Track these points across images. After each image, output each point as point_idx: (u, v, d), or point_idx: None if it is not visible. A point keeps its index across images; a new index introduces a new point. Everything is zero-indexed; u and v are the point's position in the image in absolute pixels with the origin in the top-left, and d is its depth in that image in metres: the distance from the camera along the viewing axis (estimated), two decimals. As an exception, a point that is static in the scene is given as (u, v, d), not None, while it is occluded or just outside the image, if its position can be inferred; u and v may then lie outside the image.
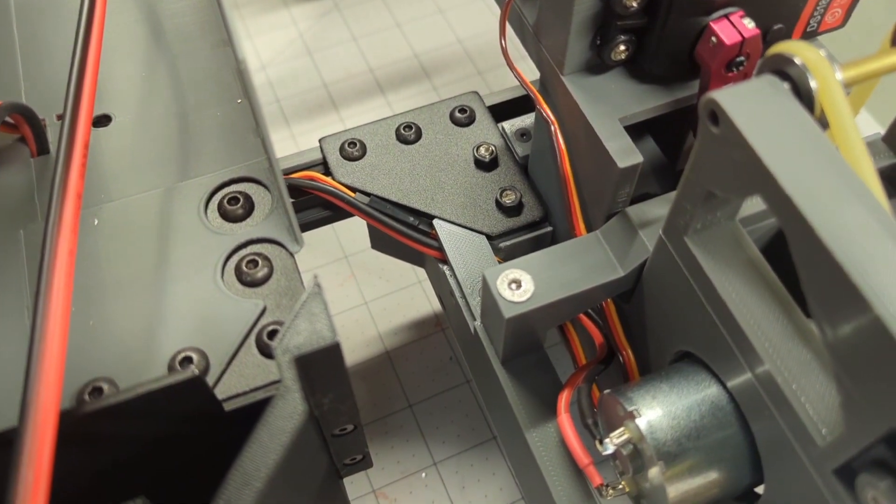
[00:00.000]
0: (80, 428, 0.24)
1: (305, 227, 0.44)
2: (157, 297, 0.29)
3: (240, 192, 0.32)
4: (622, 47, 0.32)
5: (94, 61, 0.29)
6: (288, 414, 0.24)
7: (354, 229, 0.52)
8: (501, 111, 0.45)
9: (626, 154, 0.31)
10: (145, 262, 0.30)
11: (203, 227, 0.31)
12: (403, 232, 0.40)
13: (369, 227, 0.43)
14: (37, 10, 0.38)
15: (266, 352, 0.28)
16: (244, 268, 0.30)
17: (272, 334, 0.28)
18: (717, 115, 0.23)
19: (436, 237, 0.40)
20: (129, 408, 0.24)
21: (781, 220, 0.22)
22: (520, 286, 0.32)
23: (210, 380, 0.28)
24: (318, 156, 0.43)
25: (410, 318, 0.53)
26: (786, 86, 0.24)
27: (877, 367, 0.20)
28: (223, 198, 0.32)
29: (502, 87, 0.47)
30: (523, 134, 0.42)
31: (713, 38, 0.29)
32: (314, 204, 0.42)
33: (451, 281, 0.39)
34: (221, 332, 0.29)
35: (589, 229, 0.35)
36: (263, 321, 0.29)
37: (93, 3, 0.30)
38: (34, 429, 0.21)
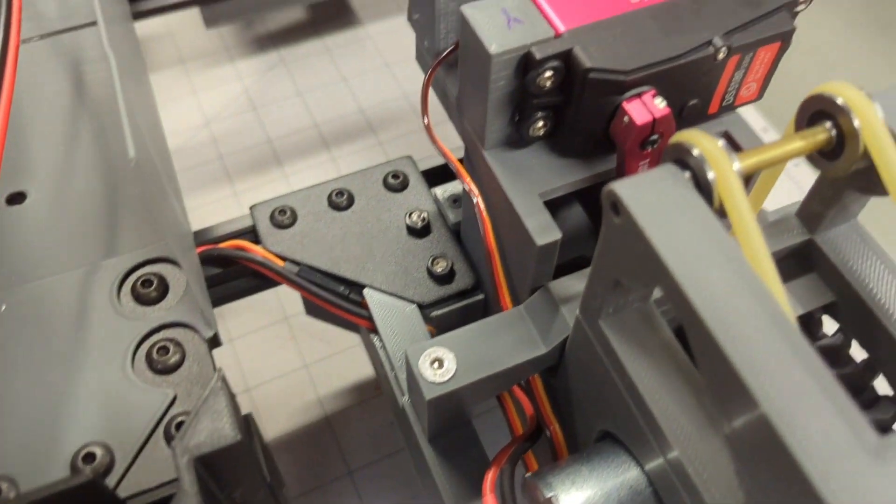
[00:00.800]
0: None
1: (239, 294, 0.43)
2: (64, 387, 0.29)
3: (154, 274, 0.31)
4: (540, 124, 0.32)
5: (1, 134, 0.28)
6: (184, 520, 0.23)
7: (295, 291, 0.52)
8: (436, 176, 0.45)
9: (544, 231, 0.31)
10: (54, 350, 0.29)
11: (114, 311, 0.30)
12: (333, 302, 0.39)
13: (301, 294, 0.42)
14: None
15: (171, 445, 0.27)
16: (155, 355, 0.29)
17: (180, 426, 0.27)
18: (617, 205, 0.23)
19: (366, 307, 0.39)
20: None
21: (679, 314, 0.22)
22: (442, 365, 0.31)
23: (114, 476, 0.27)
24: (249, 223, 0.42)
25: (351, 382, 0.52)
26: (686, 175, 0.24)
27: (767, 464, 0.20)
28: (137, 280, 0.31)
29: (447, 144, 0.47)
30: (455, 200, 0.42)
31: (625, 118, 0.29)
32: (246, 272, 0.42)
33: (381, 353, 0.38)
34: (129, 424, 0.28)
35: (515, 301, 0.35)
36: (173, 411, 0.28)
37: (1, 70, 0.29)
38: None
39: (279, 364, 0.53)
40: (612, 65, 0.29)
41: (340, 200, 0.42)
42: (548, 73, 0.29)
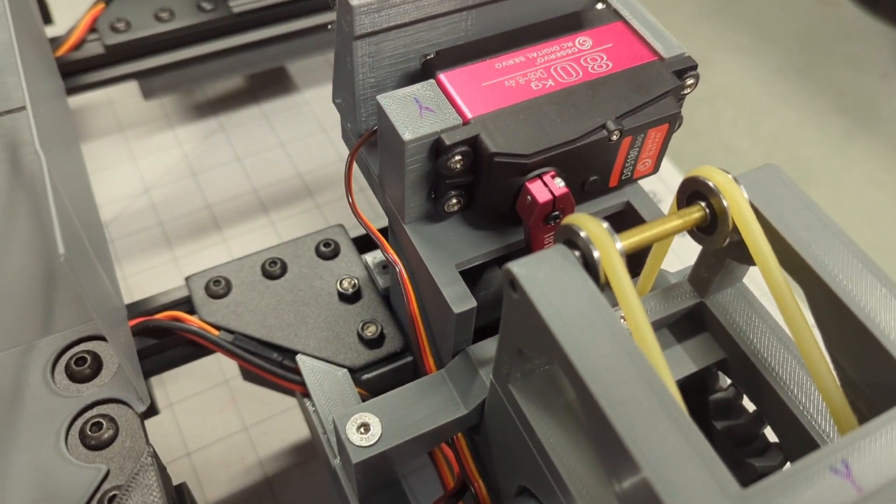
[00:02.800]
0: None
1: (177, 362, 0.44)
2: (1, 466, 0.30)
3: (88, 352, 0.33)
4: (454, 201, 0.34)
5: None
6: None
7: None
8: (367, 242, 0.47)
9: (460, 300, 0.33)
10: (-13, 430, 0.30)
11: (48, 390, 0.32)
12: (267, 369, 0.41)
13: (237, 362, 0.43)
14: None
15: (107, 519, 0.29)
16: (88, 431, 0.30)
17: (112, 500, 0.29)
18: (513, 283, 0.26)
19: (300, 372, 0.41)
20: None
21: (570, 384, 0.24)
22: (368, 430, 0.33)
23: (46, 555, 0.28)
24: (185, 293, 0.44)
25: (291, 442, 0.53)
26: (576, 254, 0.26)
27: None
28: (71, 358, 0.32)
29: (376, 208, 0.49)
30: (385, 266, 0.44)
31: (528, 197, 0.32)
32: (183, 341, 0.43)
33: (314, 417, 0.40)
34: (61, 501, 0.29)
35: (439, 364, 0.37)
36: (106, 486, 0.29)
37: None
38: None
39: (219, 427, 0.54)
40: (514, 149, 0.32)
41: (274, 269, 0.44)
42: (457, 157, 0.32)
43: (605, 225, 0.26)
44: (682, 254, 0.54)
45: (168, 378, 0.55)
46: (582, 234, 0.26)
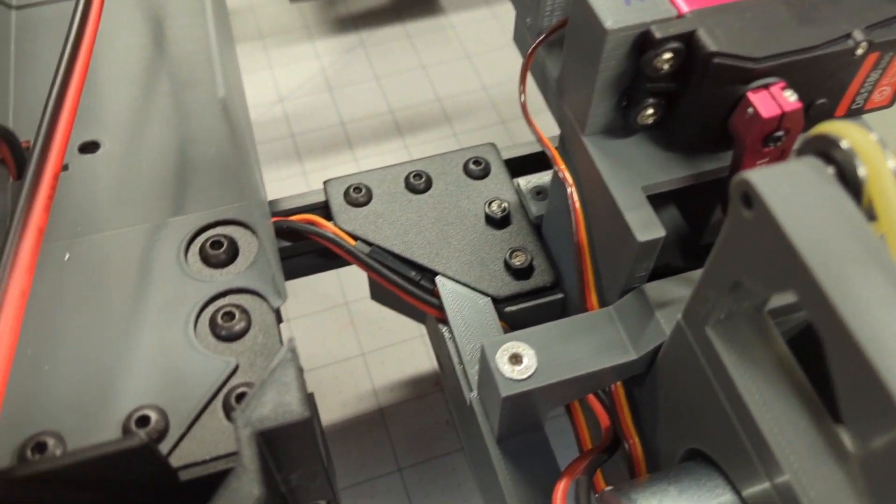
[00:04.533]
0: (12, 493, 0.22)
1: (302, 272, 0.42)
2: (122, 344, 0.27)
3: (224, 236, 0.30)
4: (650, 111, 0.29)
5: (77, 86, 0.27)
6: (241, 498, 0.21)
7: (358, 274, 0.50)
8: (519, 166, 0.42)
9: (646, 227, 0.28)
10: (114, 305, 0.28)
11: (181, 271, 0.29)
12: (403, 287, 0.37)
13: (369, 277, 0.40)
14: (37, 25, 0.37)
15: (233, 416, 0.26)
16: (219, 320, 0.27)
17: (241, 398, 0.26)
18: (750, 197, 0.21)
19: (437, 295, 0.37)
20: (68, 474, 0.22)
21: (815, 318, 0.19)
22: (521, 362, 0.29)
23: (167, 443, 0.25)
24: (321, 198, 0.40)
25: (408, 374, 0.50)
26: (830, 170, 0.21)
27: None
28: (206, 240, 0.30)
29: (525, 139, 0.44)
30: (539, 192, 0.40)
31: (749, 110, 0.27)
32: (312, 249, 0.40)
33: (450, 345, 0.36)
34: (186, 389, 0.26)
35: (602, 303, 0.32)
36: (233, 381, 0.26)
37: (84, 21, 0.28)
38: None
39: (335, 349, 0.51)
40: (739, 50, 0.26)
41: (418, 183, 0.40)
42: (666, 55, 0.27)
43: (876, 135, 0.20)
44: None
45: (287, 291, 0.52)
46: (843, 144, 0.21)
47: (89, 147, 0.33)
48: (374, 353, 0.51)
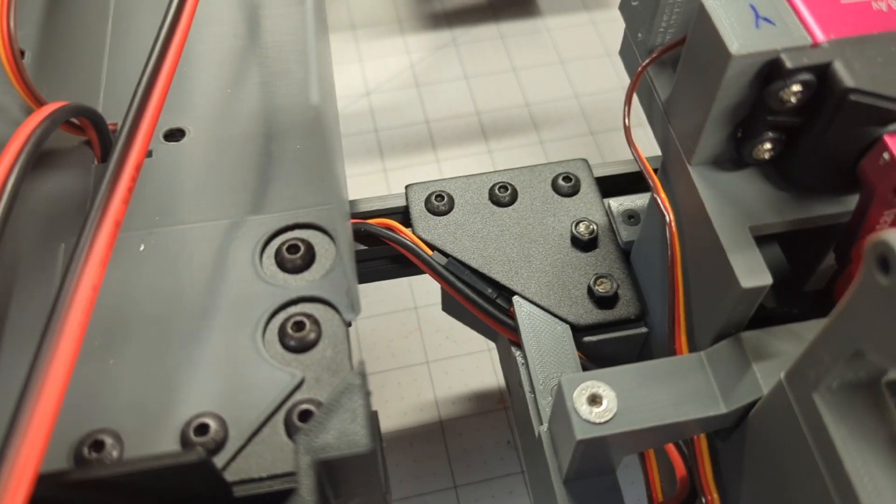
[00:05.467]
0: (66, 496, 0.21)
1: (374, 277, 0.40)
2: (188, 345, 0.26)
3: (302, 240, 0.28)
4: (767, 146, 0.27)
5: (169, 71, 0.26)
6: (296, 531, 0.20)
7: (430, 280, 0.48)
8: (611, 185, 0.40)
9: (752, 272, 0.26)
10: (184, 303, 0.27)
11: (254, 273, 0.28)
12: (478, 304, 0.36)
13: (442, 288, 0.39)
14: (135, 6, 0.36)
15: (294, 433, 0.24)
16: (289, 329, 0.26)
17: (304, 415, 0.24)
18: (889, 262, 0.18)
19: (513, 316, 0.35)
20: (123, 483, 0.21)
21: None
22: (600, 403, 0.27)
23: (224, 456, 0.24)
24: (401, 202, 0.39)
25: (472, 389, 0.48)
26: None
27: None
28: (283, 243, 0.28)
29: (614, 154, 0.42)
30: (631, 216, 0.37)
31: (885, 155, 0.24)
32: (387, 254, 0.39)
33: (522, 371, 0.34)
34: (249, 400, 0.25)
35: (692, 346, 0.30)
36: (298, 396, 0.25)
37: (181, 5, 0.27)
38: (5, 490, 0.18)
39: (400, 354, 0.50)
40: (879, 89, 0.24)
41: (503, 195, 0.38)
42: (795, 87, 0.24)
43: None
44: None
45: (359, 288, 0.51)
46: None
47: (175, 134, 0.32)
48: (438, 363, 0.49)
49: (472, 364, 0.49)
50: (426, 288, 0.52)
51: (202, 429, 0.24)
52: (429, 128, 0.61)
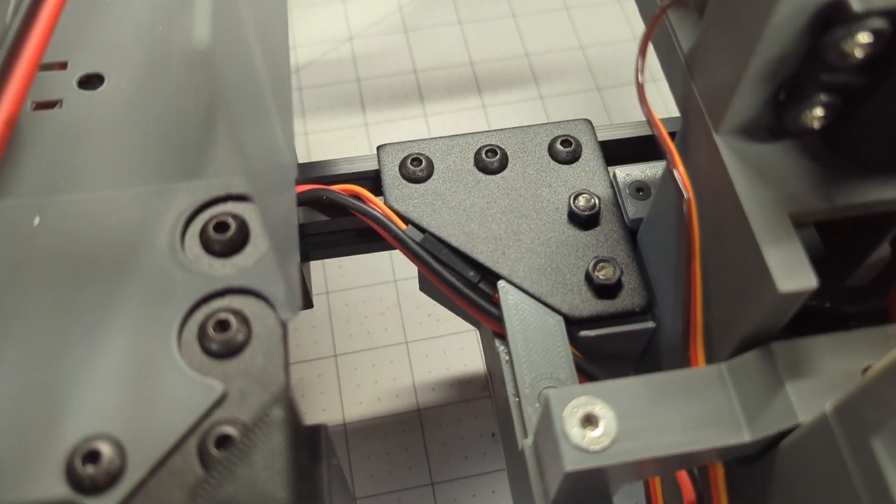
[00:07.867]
0: None
1: (337, 253, 0.35)
2: (82, 346, 0.21)
3: (233, 216, 0.23)
4: (819, 112, 0.21)
5: None
6: None
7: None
8: (617, 151, 0.34)
9: (792, 272, 0.21)
10: (81, 293, 0.22)
11: (172, 256, 0.22)
12: (457, 288, 0.31)
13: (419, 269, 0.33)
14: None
15: (209, 464, 0.19)
16: (211, 329, 0.21)
17: (223, 441, 0.19)
18: None
19: (498, 303, 0.30)
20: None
21: None
22: (596, 426, 0.22)
23: (119, 491, 0.19)
24: (373, 165, 0.34)
25: (455, 373, 0.44)
26: None
27: None
28: (210, 219, 0.23)
29: (623, 114, 0.37)
30: (640, 189, 0.32)
31: (978, 129, 0.19)
32: (354, 227, 0.34)
33: (506, 369, 0.29)
34: (155, 419, 0.20)
35: (709, 357, 0.25)
36: (218, 415, 0.20)
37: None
38: None
39: (376, 333, 0.45)
40: (974, 40, 0.18)
41: (491, 161, 0.33)
42: (863, 37, 0.19)
43: None
44: None
45: (329, 261, 0.46)
46: None
47: (91, 81, 0.26)
48: (418, 344, 0.44)
49: (456, 345, 0.45)
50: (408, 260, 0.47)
51: (92, 456, 0.19)
52: (417, 78, 0.56)
